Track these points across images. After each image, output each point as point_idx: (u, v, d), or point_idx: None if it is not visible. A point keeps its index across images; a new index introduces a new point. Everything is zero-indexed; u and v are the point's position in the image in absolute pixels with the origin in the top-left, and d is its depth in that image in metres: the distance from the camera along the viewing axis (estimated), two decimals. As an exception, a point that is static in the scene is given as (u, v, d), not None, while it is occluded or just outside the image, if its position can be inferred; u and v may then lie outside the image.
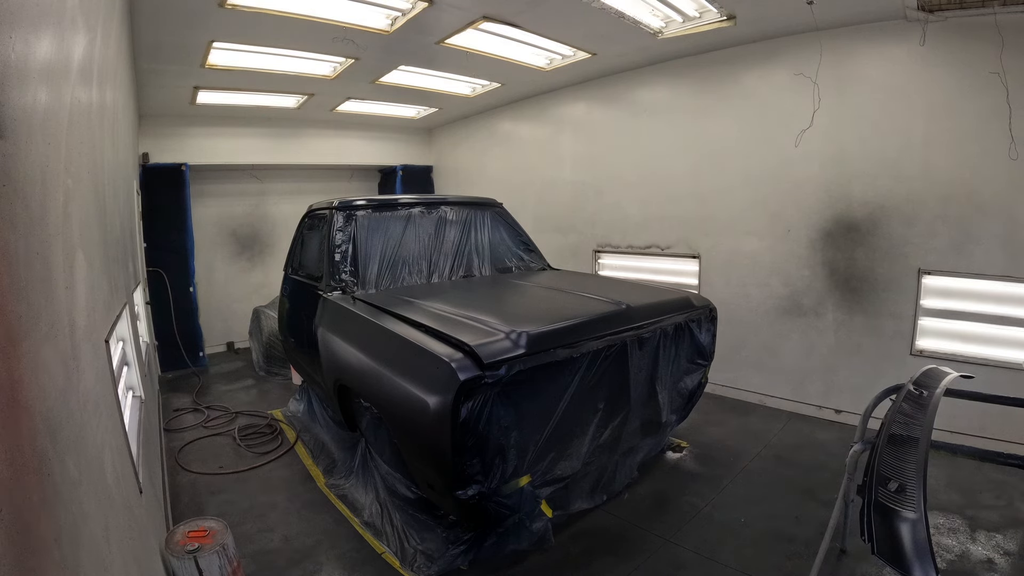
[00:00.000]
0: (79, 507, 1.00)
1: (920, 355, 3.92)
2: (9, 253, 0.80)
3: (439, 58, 4.72)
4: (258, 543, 2.93)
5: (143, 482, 1.94)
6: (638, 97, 5.52)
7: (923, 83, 3.79)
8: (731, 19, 4.02)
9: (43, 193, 1.02)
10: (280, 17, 3.60)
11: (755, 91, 4.64)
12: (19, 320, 0.81)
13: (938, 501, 3.08)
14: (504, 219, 4.67)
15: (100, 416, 1.37)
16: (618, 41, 4.52)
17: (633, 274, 5.63)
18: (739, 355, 4.85)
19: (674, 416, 3.49)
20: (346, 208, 3.90)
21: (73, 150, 1.37)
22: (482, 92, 6.11)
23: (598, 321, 2.88)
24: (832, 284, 4.37)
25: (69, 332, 1.14)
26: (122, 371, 2.33)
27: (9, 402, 0.74)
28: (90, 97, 1.73)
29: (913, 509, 1.60)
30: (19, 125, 0.87)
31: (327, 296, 3.57)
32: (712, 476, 3.55)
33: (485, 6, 3.70)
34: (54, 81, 1.18)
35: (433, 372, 2.42)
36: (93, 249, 1.64)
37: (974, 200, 3.66)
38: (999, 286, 3.62)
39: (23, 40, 0.90)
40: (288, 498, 3.42)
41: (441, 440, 2.32)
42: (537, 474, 2.65)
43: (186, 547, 2.04)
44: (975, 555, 2.65)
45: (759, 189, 4.69)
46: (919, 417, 1.93)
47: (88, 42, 1.64)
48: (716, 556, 2.74)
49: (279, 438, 4.32)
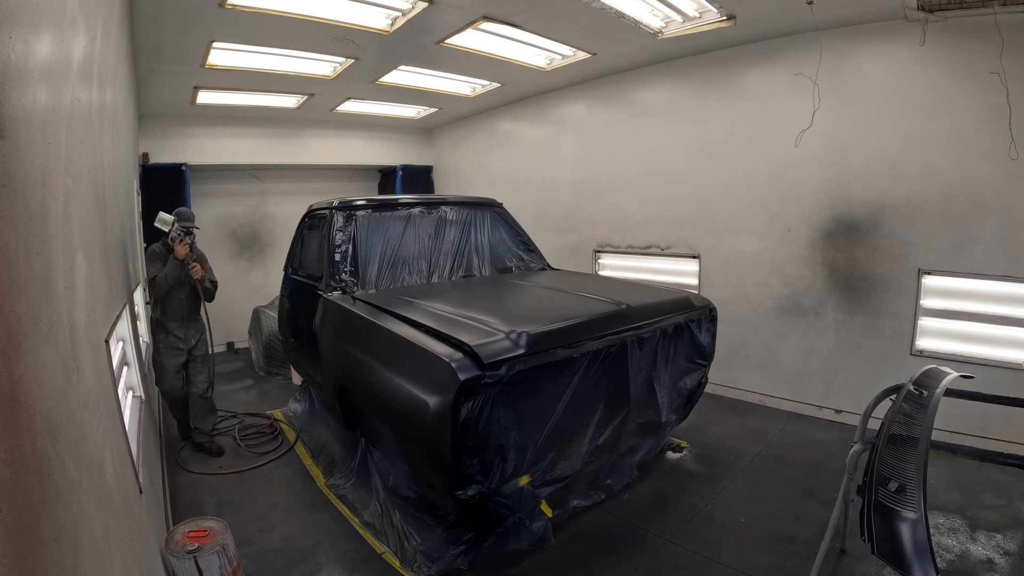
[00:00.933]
0: (79, 507, 1.00)
1: (920, 355, 3.92)
2: (9, 253, 0.80)
3: (439, 58, 4.72)
4: (258, 543, 2.93)
5: (143, 482, 1.94)
6: (638, 97, 5.52)
7: (923, 83, 3.79)
8: (731, 19, 4.02)
9: (43, 193, 1.02)
10: (280, 17, 3.60)
11: (755, 91, 4.64)
12: (19, 320, 0.81)
13: (938, 501, 3.08)
14: (504, 219, 4.66)
15: (100, 416, 1.37)
16: (618, 41, 4.51)
17: (633, 274, 5.63)
18: (739, 355, 4.85)
19: (674, 416, 3.49)
20: (346, 208, 3.90)
21: (73, 150, 1.37)
22: (482, 92, 6.11)
23: (598, 321, 2.88)
24: (832, 284, 4.37)
25: (69, 332, 1.14)
26: (122, 371, 2.33)
27: (9, 402, 0.74)
28: (90, 97, 1.73)
29: (913, 509, 1.60)
30: (19, 125, 0.87)
31: (327, 296, 3.57)
32: (712, 476, 3.55)
33: (485, 6, 3.70)
34: (54, 81, 1.18)
35: (433, 372, 2.42)
36: (93, 249, 1.64)
37: (974, 200, 3.66)
38: (999, 286, 3.62)
39: (23, 40, 0.90)
40: (288, 498, 3.42)
41: (441, 440, 2.32)
42: (537, 474, 2.65)
43: (186, 547, 2.04)
44: (975, 555, 2.65)
45: (759, 189, 4.69)
46: (919, 417, 1.93)
47: (88, 42, 1.64)
48: (716, 556, 2.74)
49: (279, 438, 4.32)
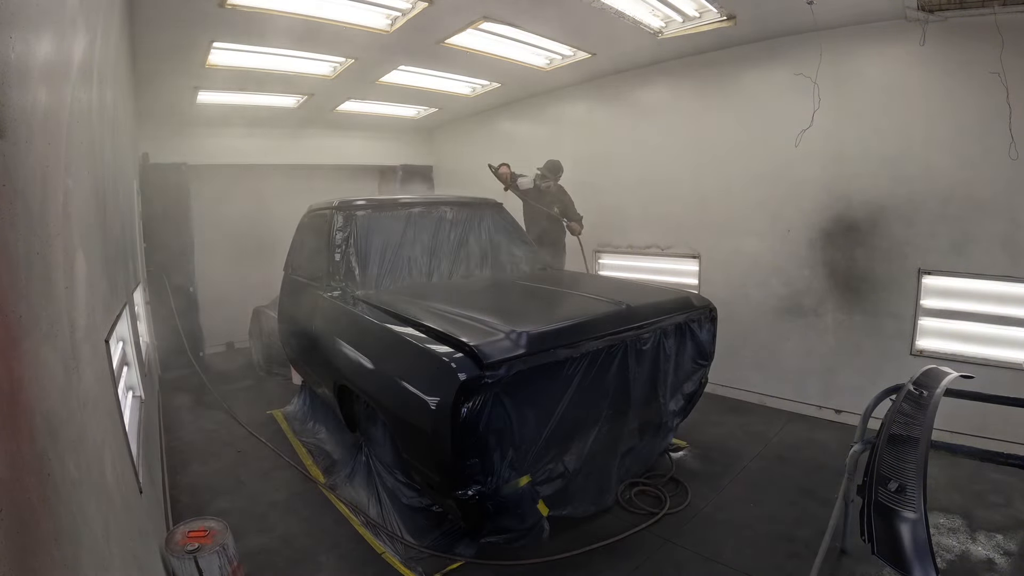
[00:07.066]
0: (79, 507, 1.00)
1: (920, 355, 3.92)
2: (9, 253, 0.80)
3: (439, 58, 4.71)
4: (258, 543, 2.93)
5: (143, 482, 1.94)
6: (638, 97, 5.52)
7: (923, 83, 3.79)
8: (731, 19, 4.02)
9: (43, 193, 1.02)
10: (280, 17, 3.60)
11: (755, 91, 4.63)
12: (19, 320, 0.81)
13: (938, 501, 3.07)
14: (504, 219, 4.66)
15: (100, 416, 1.37)
16: (618, 41, 4.51)
17: (633, 274, 5.62)
18: (739, 355, 4.84)
19: (674, 416, 3.49)
20: (346, 208, 3.89)
21: (73, 150, 1.37)
22: (482, 92, 6.10)
23: (598, 321, 2.88)
24: (832, 284, 4.36)
25: (69, 332, 1.14)
26: (122, 371, 2.33)
27: (9, 402, 0.74)
28: (90, 97, 1.73)
29: (913, 509, 1.60)
30: (19, 125, 0.87)
31: (327, 296, 3.57)
32: (712, 476, 3.54)
33: (485, 6, 3.70)
34: (54, 81, 1.18)
35: (433, 372, 2.42)
36: (93, 249, 1.64)
37: (974, 200, 3.66)
38: (999, 286, 3.62)
39: (23, 40, 0.90)
40: (288, 498, 3.42)
41: (441, 440, 2.32)
42: (537, 474, 2.65)
43: (186, 547, 2.05)
44: (975, 555, 2.65)
45: (759, 189, 4.68)
46: (919, 417, 1.93)
47: (88, 42, 1.64)
48: (716, 556, 2.74)
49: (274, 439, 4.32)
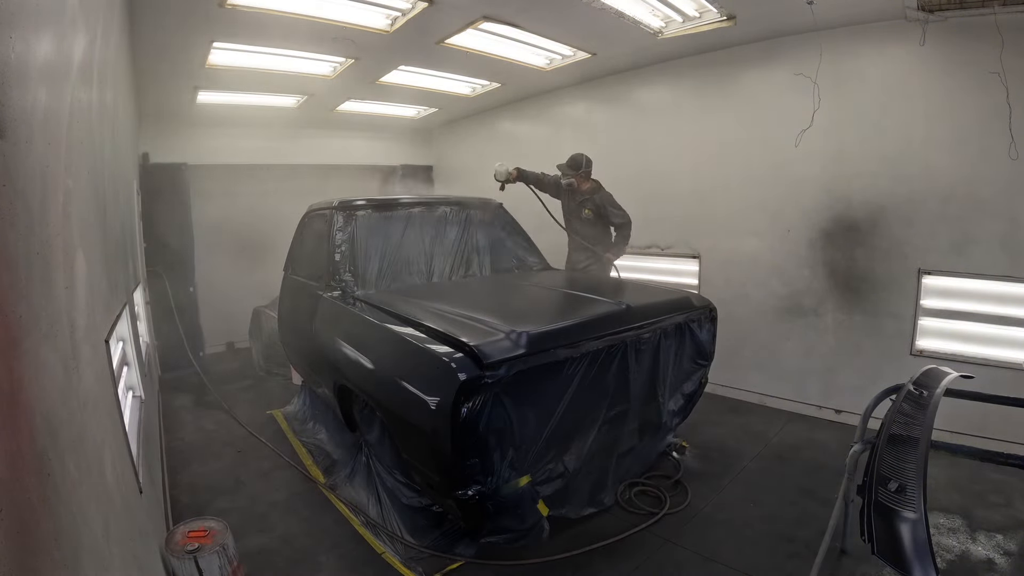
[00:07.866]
0: (79, 507, 1.00)
1: (920, 355, 3.92)
2: (9, 253, 0.80)
3: (439, 58, 4.71)
4: (258, 543, 2.93)
5: (143, 482, 1.94)
6: (638, 97, 5.51)
7: (923, 83, 3.79)
8: (731, 19, 4.02)
9: (43, 193, 1.02)
10: (280, 17, 3.60)
11: (755, 91, 4.63)
12: (19, 320, 0.81)
13: (938, 501, 3.07)
14: (504, 219, 4.66)
15: (100, 416, 1.37)
16: (618, 41, 4.51)
17: (633, 274, 5.62)
18: (739, 355, 4.84)
19: (674, 416, 3.49)
20: (346, 208, 3.89)
21: (73, 150, 1.37)
22: (482, 92, 6.10)
23: (598, 321, 2.88)
24: (832, 284, 4.36)
25: (69, 332, 1.14)
26: (122, 371, 2.33)
27: (9, 402, 0.74)
28: (90, 97, 1.73)
29: (913, 509, 1.60)
30: (19, 125, 0.87)
31: (327, 296, 3.57)
32: (712, 476, 3.54)
33: (485, 6, 3.70)
34: (54, 81, 1.18)
35: (433, 372, 2.42)
36: (93, 249, 1.64)
37: (974, 200, 3.66)
38: (999, 286, 3.62)
39: (23, 40, 0.90)
40: (288, 498, 3.42)
41: (441, 440, 2.32)
42: (537, 474, 2.65)
43: (186, 547, 2.05)
44: (975, 555, 2.65)
45: (759, 189, 4.68)
46: (919, 417, 1.93)
47: (88, 42, 1.65)
48: (716, 556, 2.74)
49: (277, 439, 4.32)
